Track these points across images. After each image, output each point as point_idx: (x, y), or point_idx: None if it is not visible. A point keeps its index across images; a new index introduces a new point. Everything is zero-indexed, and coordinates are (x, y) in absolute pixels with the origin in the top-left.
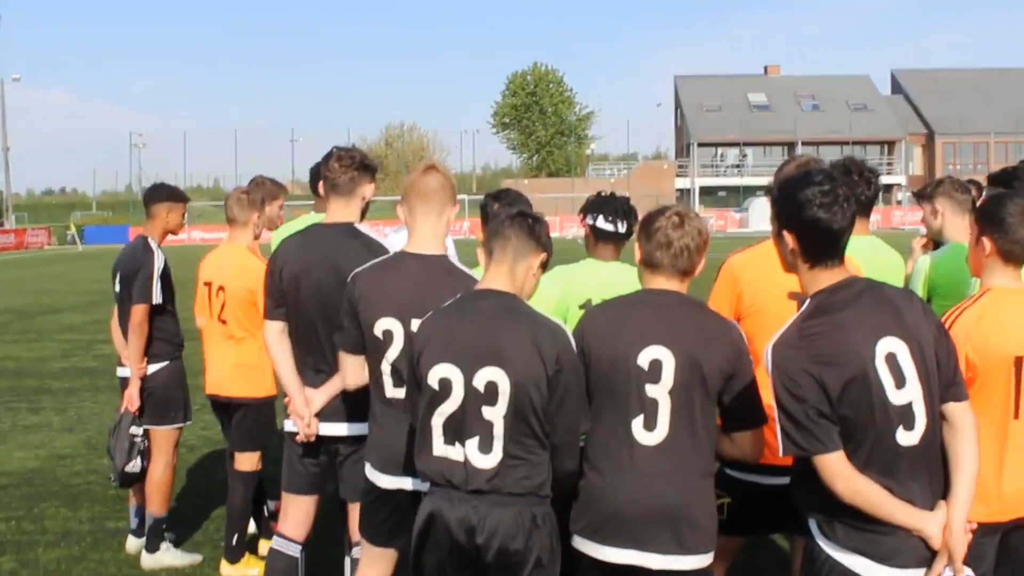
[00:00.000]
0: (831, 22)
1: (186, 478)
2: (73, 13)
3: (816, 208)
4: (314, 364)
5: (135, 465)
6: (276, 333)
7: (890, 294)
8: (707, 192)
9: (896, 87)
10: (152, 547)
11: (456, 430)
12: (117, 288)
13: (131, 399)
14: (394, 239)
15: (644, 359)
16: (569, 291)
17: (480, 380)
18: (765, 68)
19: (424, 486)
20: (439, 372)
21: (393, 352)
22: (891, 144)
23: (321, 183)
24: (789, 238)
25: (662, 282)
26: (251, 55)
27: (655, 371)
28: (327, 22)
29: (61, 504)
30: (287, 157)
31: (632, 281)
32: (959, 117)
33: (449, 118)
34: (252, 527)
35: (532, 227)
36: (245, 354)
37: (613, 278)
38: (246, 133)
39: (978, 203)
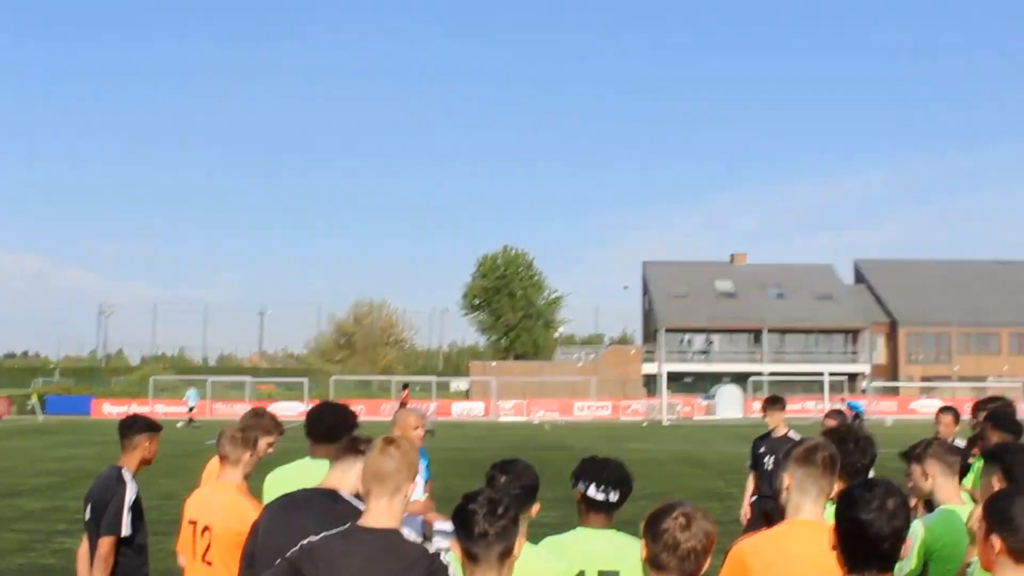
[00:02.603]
0: (795, 211)
1: None
2: (47, 179)
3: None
4: None
5: None
6: None
7: None
8: (674, 378)
9: (859, 276)
10: None
11: None
12: (87, 516)
13: None
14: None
15: None
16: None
17: None
18: (732, 256)
19: None
20: None
21: None
22: (855, 333)
23: (313, 433)
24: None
25: None
26: (223, 225)
27: None
28: (299, 197)
29: None
30: (255, 330)
31: (627, 551)
32: (921, 307)
33: (418, 295)
34: None
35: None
36: None
37: (607, 548)
38: (216, 306)
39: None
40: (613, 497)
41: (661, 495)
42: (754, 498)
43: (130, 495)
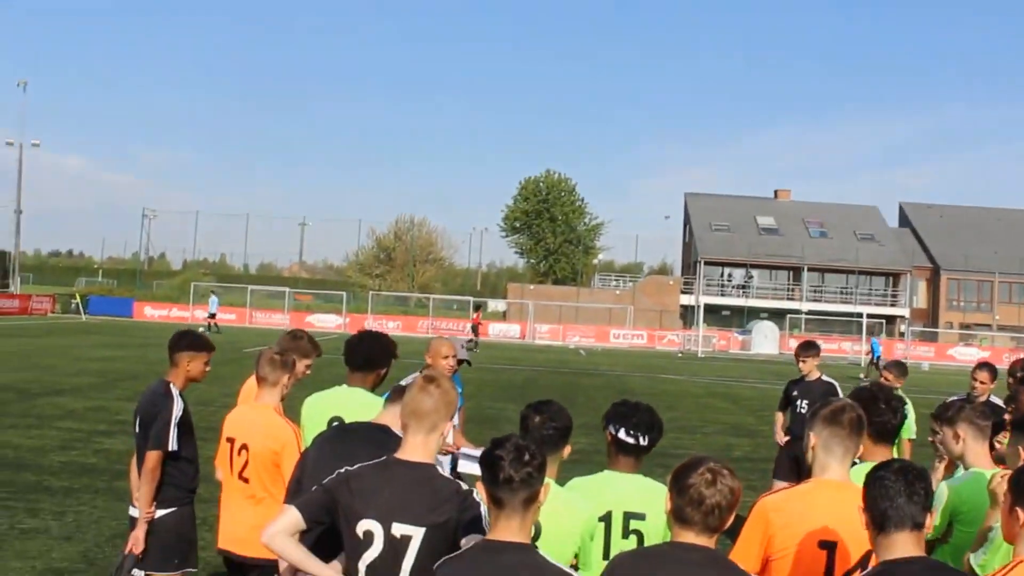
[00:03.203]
0: (843, 150)
1: None
2: (96, 84)
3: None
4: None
5: None
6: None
7: None
8: (711, 311)
9: (904, 220)
10: None
11: None
12: (136, 430)
13: (136, 541)
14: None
15: None
16: (592, 505)
17: None
18: (775, 192)
19: None
20: None
21: (371, 554)
22: (896, 276)
23: (351, 361)
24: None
25: (691, 537)
26: (266, 137)
27: None
28: (346, 111)
29: None
30: (296, 241)
31: (654, 496)
32: (965, 254)
33: (457, 215)
34: None
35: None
36: (265, 515)
37: (633, 492)
38: (257, 216)
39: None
40: (643, 441)
41: (692, 428)
42: (784, 440)
43: (177, 411)
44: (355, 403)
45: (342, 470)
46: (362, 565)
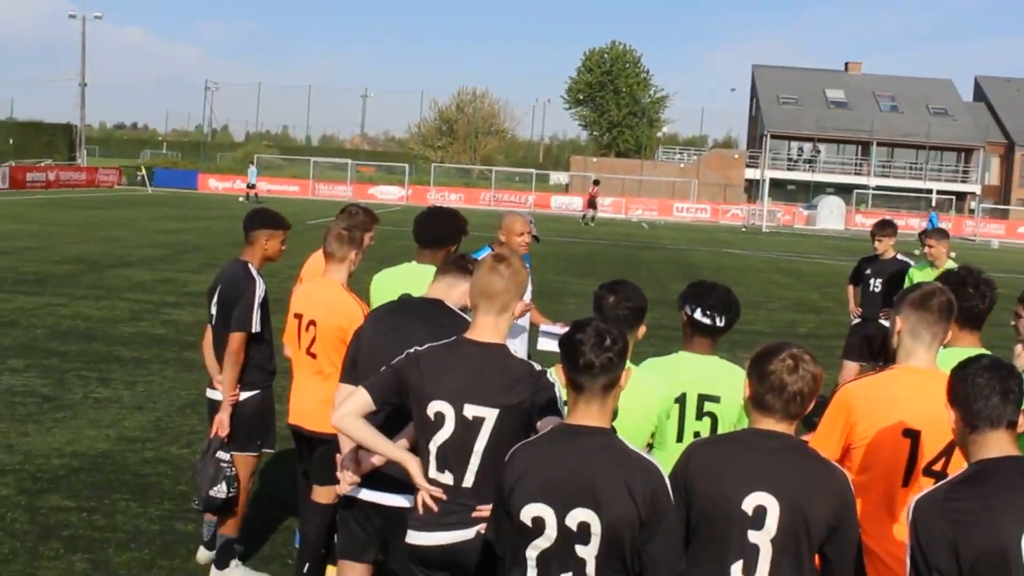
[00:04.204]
0: (916, 22)
1: (258, 485)
2: None
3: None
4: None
5: (220, 491)
6: (345, 391)
7: None
8: (776, 185)
9: (978, 94)
10: (221, 564)
11: (549, 566)
12: (213, 311)
13: (222, 424)
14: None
15: (748, 504)
16: (668, 385)
17: (573, 520)
18: (846, 64)
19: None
20: (532, 511)
21: (442, 435)
22: (968, 152)
23: (419, 237)
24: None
25: (771, 424)
26: (327, 8)
27: (759, 517)
28: None
29: (131, 497)
30: (357, 113)
31: (729, 378)
32: None
33: (520, 87)
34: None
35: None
36: (333, 390)
37: (708, 374)
38: (318, 89)
39: None
40: (720, 322)
41: (756, 303)
42: (856, 321)
43: (259, 292)
44: (424, 280)
45: (411, 350)
46: (433, 446)
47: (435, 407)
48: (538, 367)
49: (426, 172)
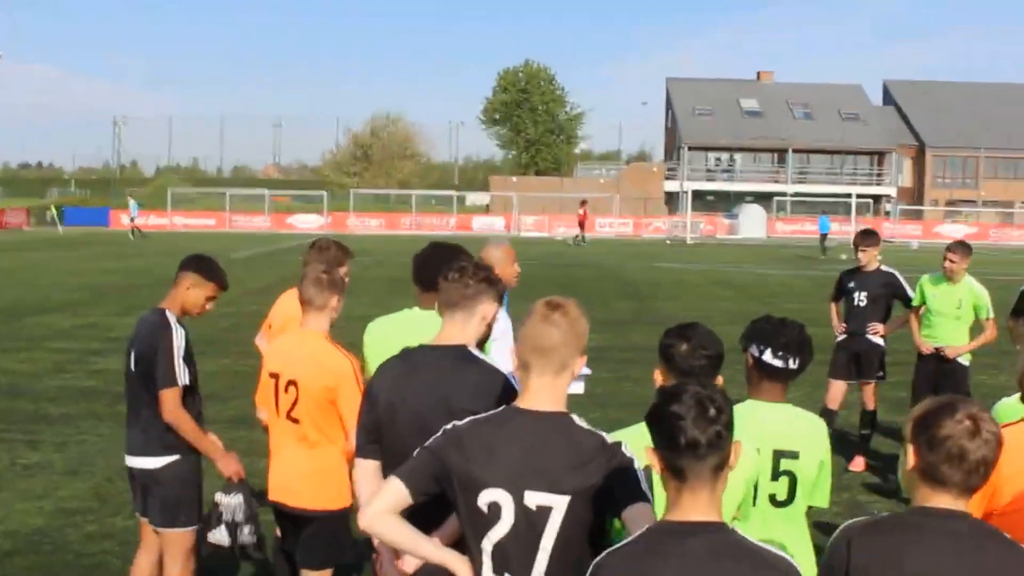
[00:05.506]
0: (824, 30)
1: None
2: None
3: None
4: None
5: (217, 536)
6: (370, 474)
7: None
8: (695, 196)
9: (888, 98)
10: None
11: None
12: (132, 368)
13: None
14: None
15: None
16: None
17: None
18: (758, 74)
19: None
20: None
21: (499, 531)
22: (881, 155)
23: (421, 279)
24: None
25: (947, 501)
26: (237, 38)
27: None
28: (316, 8)
29: None
30: (270, 142)
31: (807, 430)
32: (950, 130)
33: (435, 109)
34: None
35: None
36: (321, 460)
37: (783, 426)
38: (232, 118)
39: None
40: (792, 364)
41: (704, 319)
42: (841, 338)
43: (178, 341)
44: (429, 328)
45: (449, 427)
46: (487, 544)
47: (488, 496)
48: (609, 437)
49: (344, 199)
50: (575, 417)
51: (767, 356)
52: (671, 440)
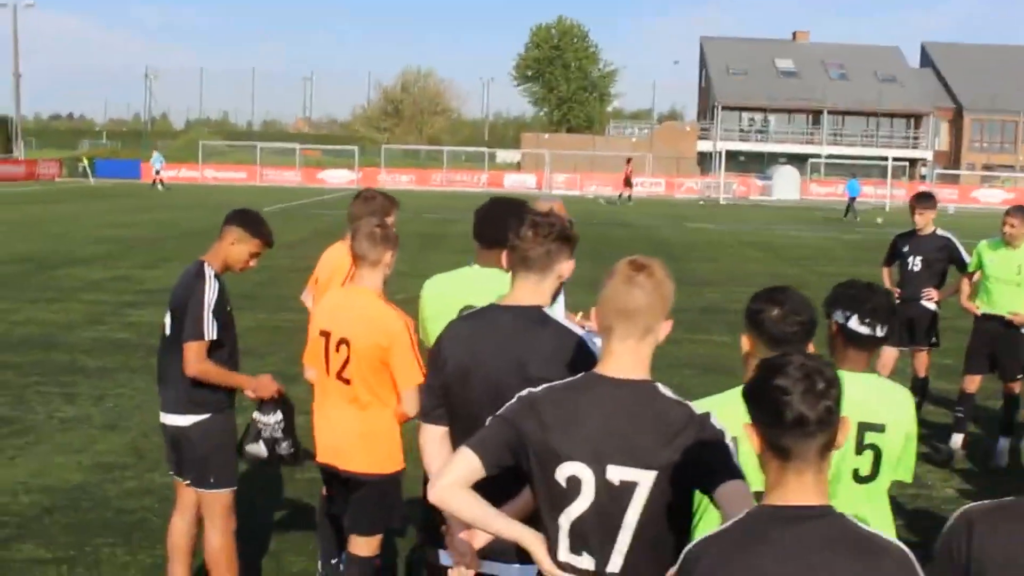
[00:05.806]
0: None
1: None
2: None
3: None
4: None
5: (256, 449)
6: (438, 440)
7: None
8: (728, 157)
9: (925, 60)
10: None
11: None
12: (167, 319)
13: (259, 390)
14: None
15: None
16: None
17: None
18: (794, 34)
19: None
20: None
21: (578, 506)
22: (918, 118)
23: (482, 235)
24: None
25: None
26: None
27: None
28: None
29: (117, 541)
30: (300, 97)
31: (894, 401)
32: (989, 94)
33: (466, 65)
34: None
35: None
36: (373, 422)
37: (868, 397)
38: (262, 72)
39: None
40: (880, 331)
41: (738, 279)
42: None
43: (210, 294)
44: (490, 287)
45: (523, 393)
46: (564, 521)
47: (567, 470)
48: (697, 408)
49: (375, 154)
50: (660, 385)
51: (853, 323)
52: (776, 416)
